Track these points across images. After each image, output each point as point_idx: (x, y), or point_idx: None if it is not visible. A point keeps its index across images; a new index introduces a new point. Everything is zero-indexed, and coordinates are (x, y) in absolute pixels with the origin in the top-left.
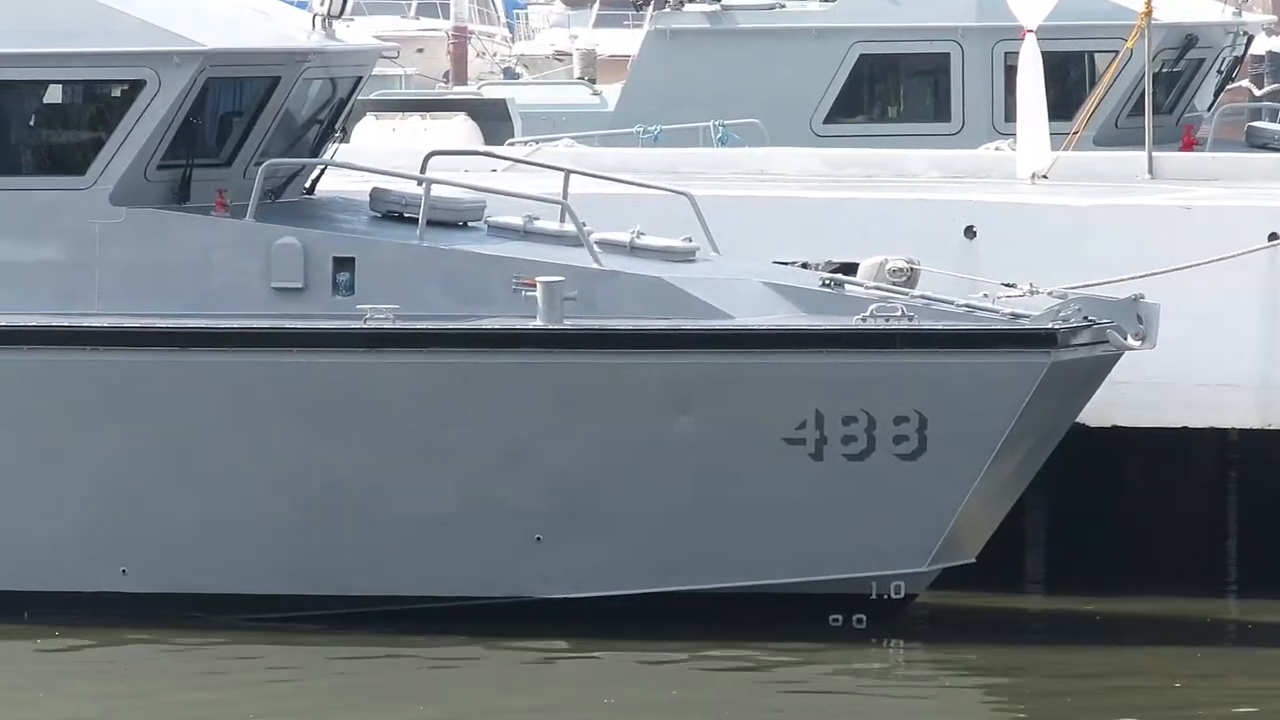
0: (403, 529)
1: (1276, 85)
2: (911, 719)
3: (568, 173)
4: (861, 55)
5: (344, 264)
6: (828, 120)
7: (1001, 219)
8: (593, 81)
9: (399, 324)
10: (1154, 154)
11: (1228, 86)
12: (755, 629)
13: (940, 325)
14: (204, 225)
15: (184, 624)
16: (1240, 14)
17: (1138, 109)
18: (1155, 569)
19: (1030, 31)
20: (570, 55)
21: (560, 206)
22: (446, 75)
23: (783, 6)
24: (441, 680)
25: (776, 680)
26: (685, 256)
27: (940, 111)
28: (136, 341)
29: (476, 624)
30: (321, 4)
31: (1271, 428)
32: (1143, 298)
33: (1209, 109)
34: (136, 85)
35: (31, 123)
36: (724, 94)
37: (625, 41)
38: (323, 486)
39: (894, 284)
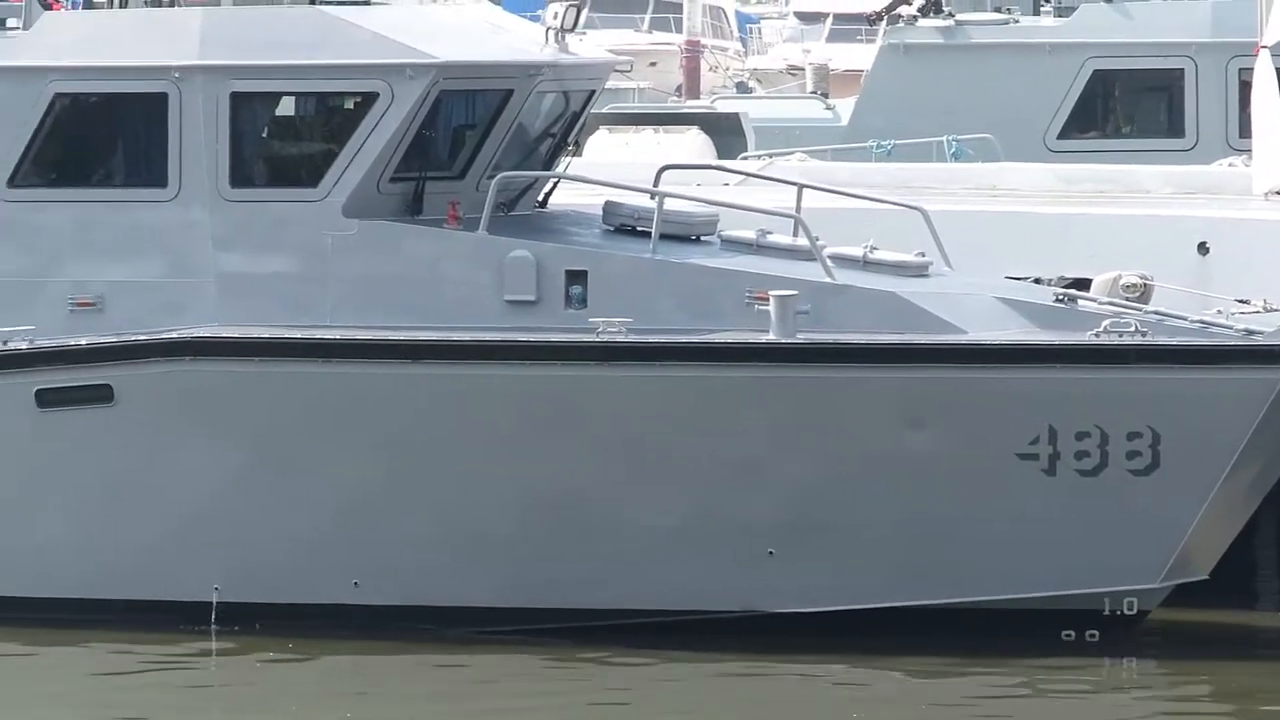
0: (633, 542)
1: None
2: None
3: (800, 187)
4: (1095, 71)
5: (577, 277)
6: (1061, 135)
7: (1235, 235)
8: (826, 96)
9: (631, 337)
10: None
11: None
12: (987, 644)
13: (1174, 341)
14: (436, 238)
15: (415, 636)
16: None
17: None
18: None
19: (1265, 48)
20: (803, 69)
21: (793, 221)
22: (679, 89)
23: (1016, 21)
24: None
25: (1008, 696)
26: (918, 271)
27: (1174, 127)
28: (369, 354)
29: (705, 638)
30: (555, 18)
31: None
32: None
33: None
34: (369, 98)
35: (265, 135)
36: (957, 108)
37: (858, 56)
38: (554, 499)
39: (1127, 300)
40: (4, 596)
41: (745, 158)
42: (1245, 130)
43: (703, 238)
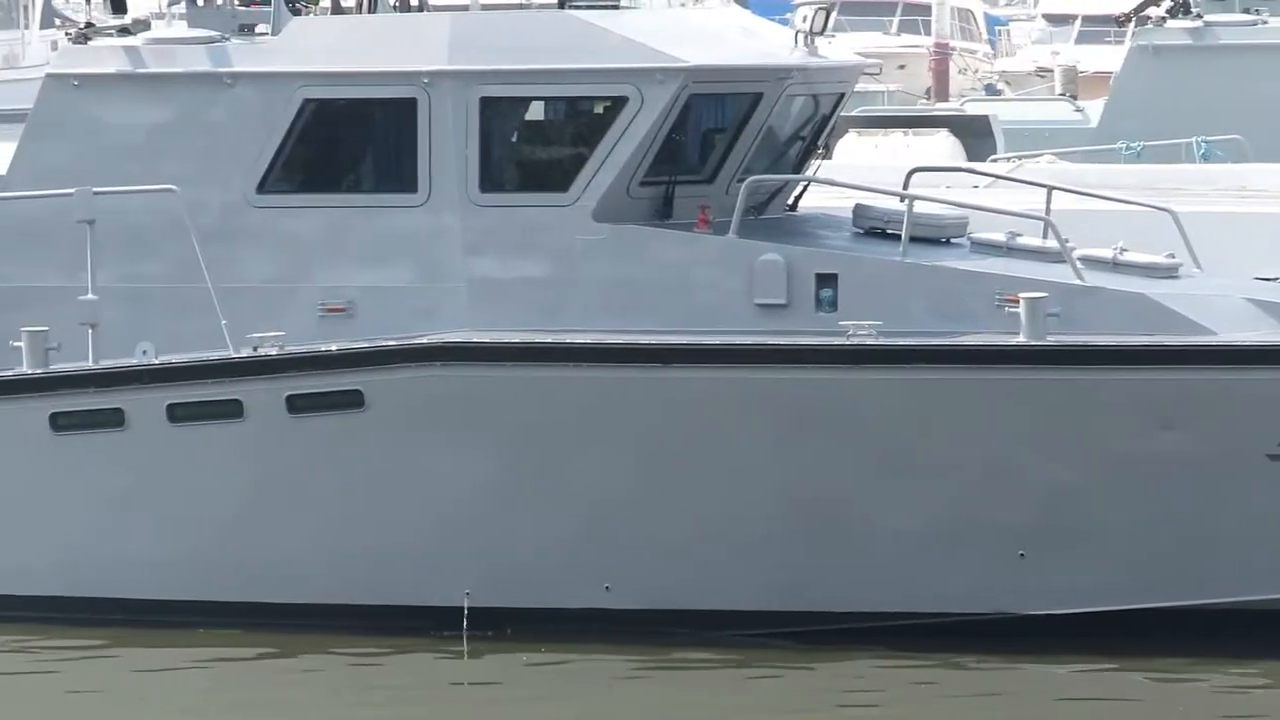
0: (885, 545)
1: None
2: None
3: (1050, 189)
4: None
5: (827, 280)
6: None
7: None
8: (1074, 98)
9: (882, 340)
10: None
11: None
12: (1237, 646)
13: None
14: (686, 242)
15: (664, 640)
16: None
17: None
18: None
19: None
20: (1052, 71)
21: (1043, 223)
22: (928, 92)
23: (1264, 22)
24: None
25: (1253, 695)
26: (1168, 273)
27: None
28: (619, 358)
29: (956, 639)
30: (804, 21)
31: None
32: None
33: None
34: (619, 102)
35: (515, 140)
36: (1207, 109)
37: (1107, 58)
38: (805, 503)
39: None
40: (257, 602)
41: (994, 160)
42: None
43: (952, 240)
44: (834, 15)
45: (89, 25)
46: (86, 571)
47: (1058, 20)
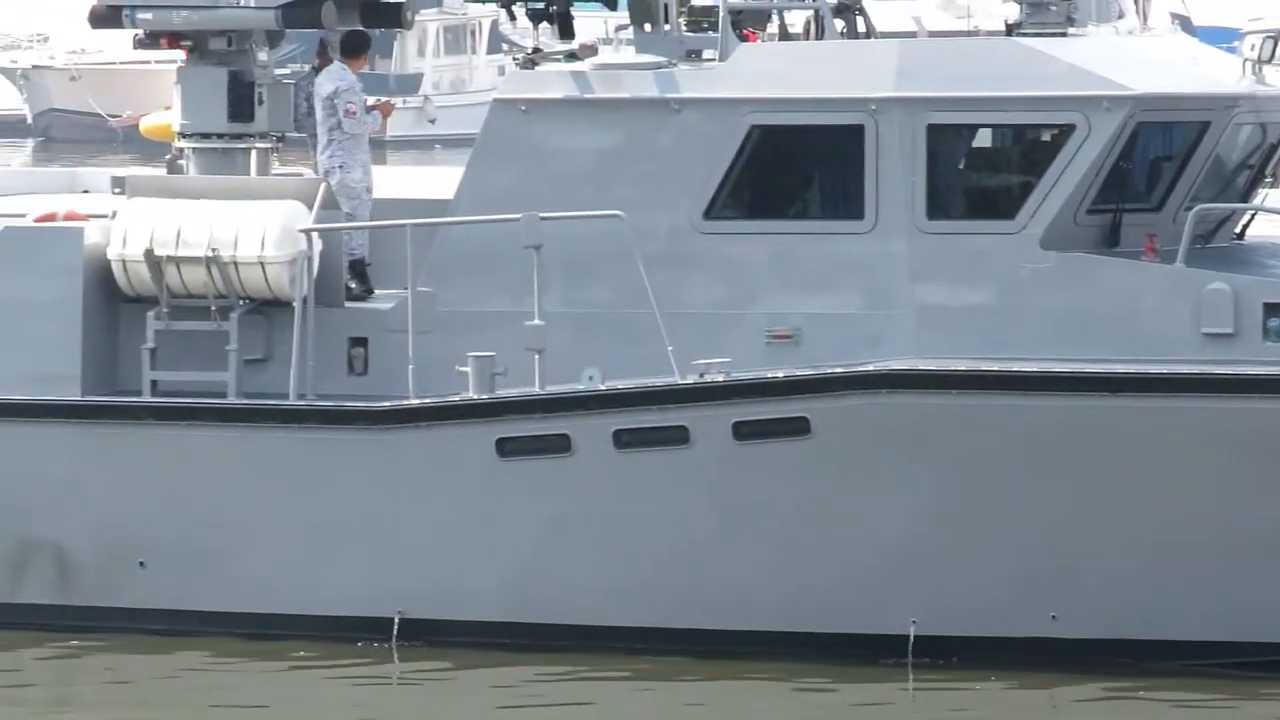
0: None
1: None
2: None
3: None
4: None
5: (1275, 310)
6: None
7: None
8: None
9: None
10: None
11: None
12: None
13: None
14: (1133, 270)
15: (1114, 671)
16: None
17: None
18: None
19: None
20: None
21: None
22: None
23: None
24: None
25: None
26: None
27: None
28: (1067, 387)
29: None
30: (1252, 49)
31: None
32: None
33: None
34: (1066, 130)
35: (962, 167)
36: None
37: None
38: (1252, 533)
39: None
40: (701, 629)
41: None
42: None
43: None
44: None
45: (536, 50)
46: (531, 596)
47: None
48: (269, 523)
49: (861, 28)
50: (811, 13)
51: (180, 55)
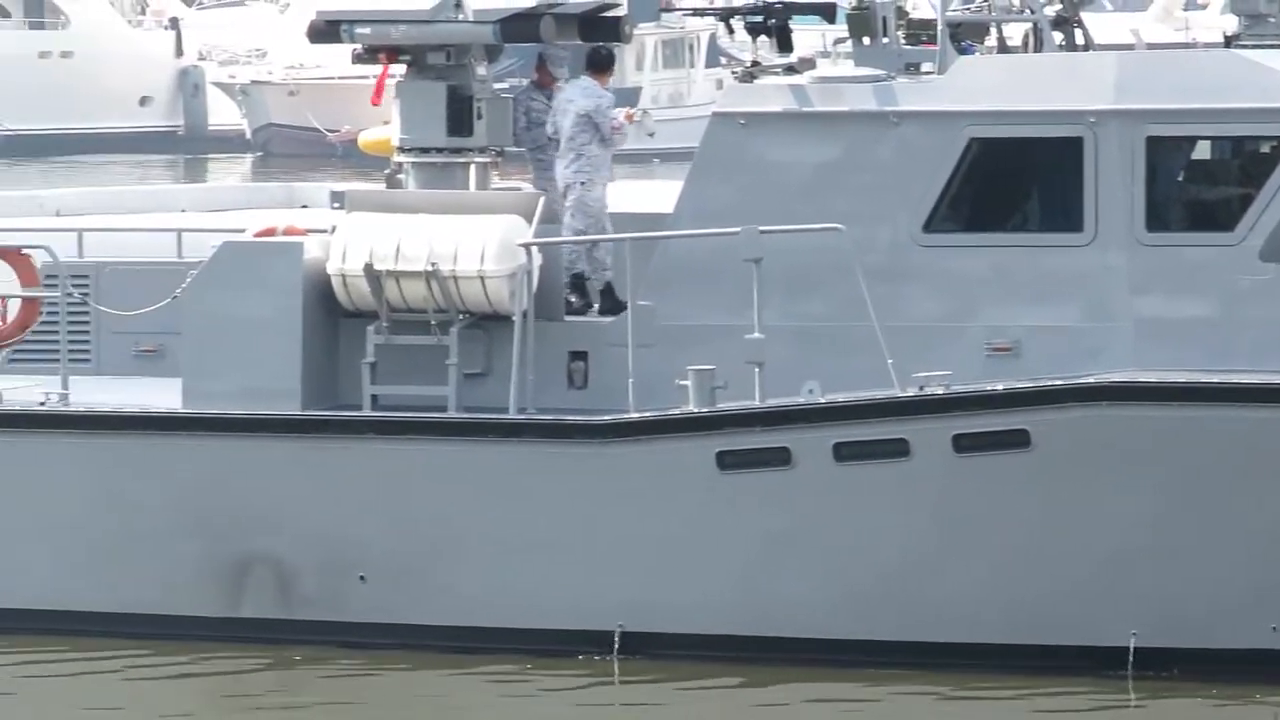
0: None
1: None
2: None
3: None
4: None
5: None
6: None
7: None
8: None
9: None
10: None
11: None
12: None
13: None
14: None
15: None
16: None
17: None
18: None
19: None
20: None
21: None
22: None
23: None
24: None
25: None
26: None
27: None
28: None
29: None
30: None
31: None
32: None
33: None
34: None
35: (1180, 179)
36: None
37: None
38: None
39: None
40: (921, 642)
41: None
42: None
43: None
44: None
45: (755, 64)
46: (751, 609)
47: None
48: (489, 536)
49: (1080, 40)
50: (1030, 25)
51: (399, 70)
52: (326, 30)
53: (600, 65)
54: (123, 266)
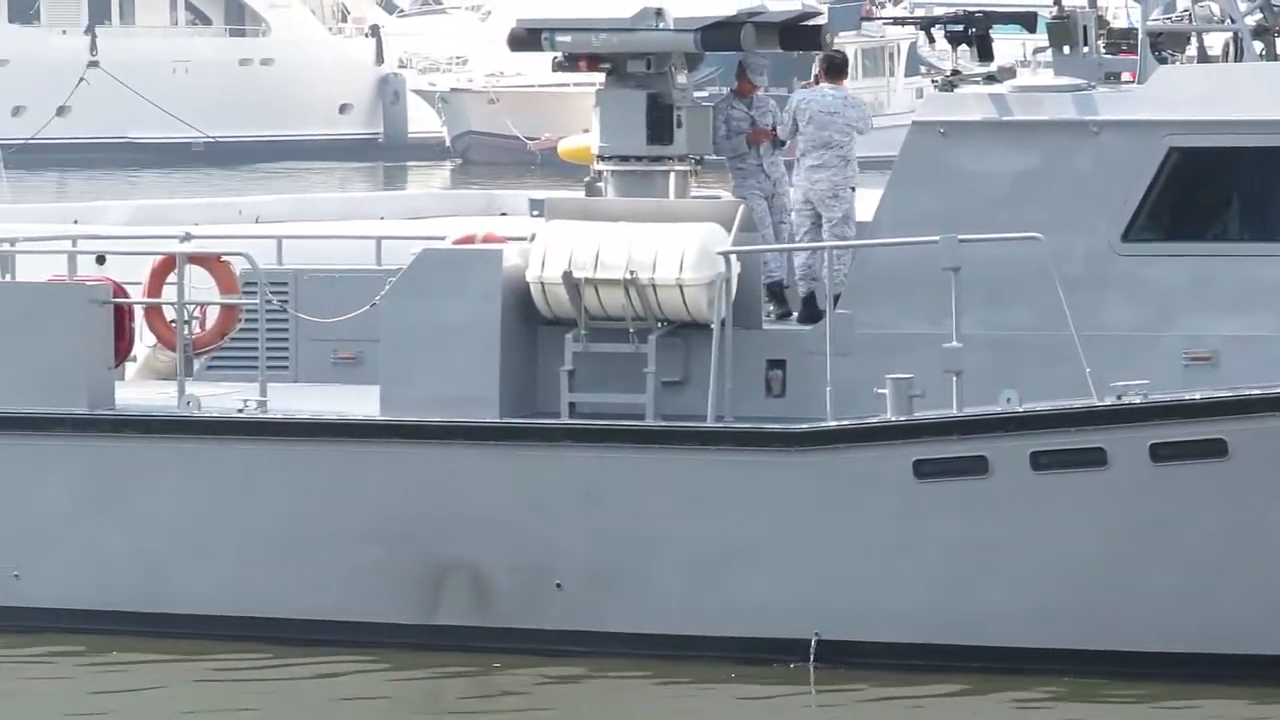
0: None
1: None
2: None
3: None
4: None
5: None
6: None
7: None
8: None
9: None
10: None
11: None
12: None
13: None
14: None
15: None
16: None
17: None
18: None
19: None
20: None
21: None
22: None
23: None
24: None
25: None
26: None
27: None
28: None
29: None
30: None
31: None
32: None
33: None
34: None
35: None
36: None
37: None
38: None
39: None
40: (1118, 651)
41: None
42: None
43: None
44: None
45: (955, 73)
46: (947, 618)
47: None
48: (686, 544)
49: None
50: (1230, 35)
51: (599, 78)
52: (527, 38)
53: (841, 71)
54: (321, 273)
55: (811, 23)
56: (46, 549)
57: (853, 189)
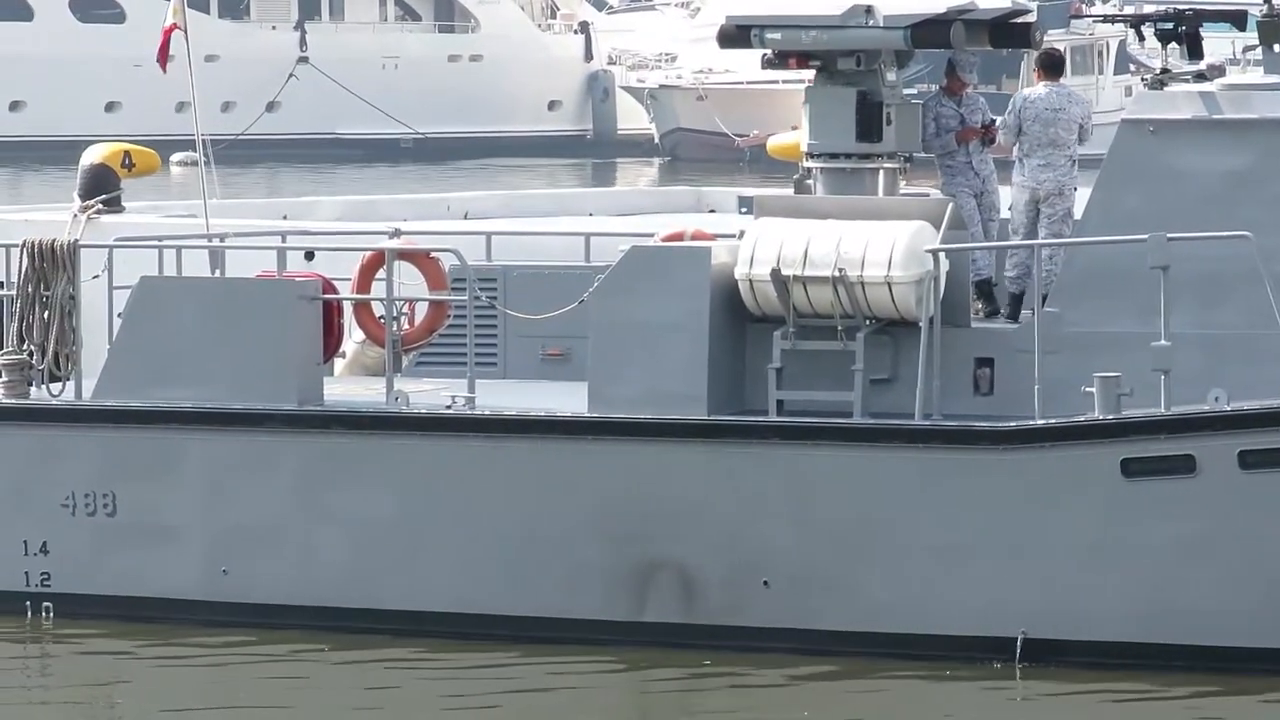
0: None
1: None
2: None
3: None
4: None
5: None
6: None
7: None
8: None
9: None
10: None
11: None
12: None
13: None
14: None
15: None
16: None
17: None
18: None
19: None
20: None
21: None
22: None
23: None
24: None
25: None
26: None
27: None
28: None
29: None
30: None
31: None
32: None
33: None
34: None
35: None
36: None
37: None
38: None
39: None
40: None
41: None
42: None
43: None
44: None
45: (1164, 71)
46: (1155, 617)
47: None
48: (892, 542)
49: None
50: None
51: (808, 75)
52: (737, 35)
53: (1058, 69)
54: (530, 270)
55: (1021, 20)
56: (254, 544)
57: (1074, 189)
